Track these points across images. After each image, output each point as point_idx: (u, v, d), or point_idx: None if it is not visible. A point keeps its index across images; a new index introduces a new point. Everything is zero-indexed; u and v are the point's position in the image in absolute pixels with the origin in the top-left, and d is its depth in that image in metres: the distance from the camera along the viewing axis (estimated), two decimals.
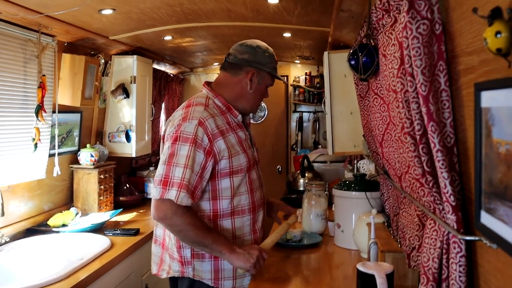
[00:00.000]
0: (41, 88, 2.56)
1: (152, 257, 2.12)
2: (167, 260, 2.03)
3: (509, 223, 0.82)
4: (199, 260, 1.97)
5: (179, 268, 1.98)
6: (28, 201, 2.78)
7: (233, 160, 1.98)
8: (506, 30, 0.74)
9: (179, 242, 1.96)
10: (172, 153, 1.86)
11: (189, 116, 1.91)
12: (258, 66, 2.09)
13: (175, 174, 1.83)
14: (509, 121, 0.80)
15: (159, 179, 1.85)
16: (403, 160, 1.58)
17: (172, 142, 1.88)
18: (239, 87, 2.10)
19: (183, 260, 1.97)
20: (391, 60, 1.39)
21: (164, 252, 2.05)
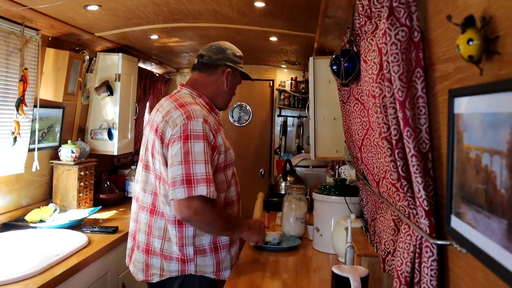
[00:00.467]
0: (23, 81, 2.54)
1: (135, 264, 2.13)
2: (157, 264, 2.06)
3: (477, 227, 0.84)
4: (202, 255, 2.06)
5: (178, 268, 2.04)
6: (5, 195, 2.75)
7: (227, 154, 2.11)
8: (478, 38, 0.76)
9: (182, 240, 2.02)
10: (186, 152, 1.92)
11: (193, 115, 1.98)
12: (232, 65, 2.24)
13: (197, 171, 1.90)
14: (479, 127, 0.82)
15: (180, 179, 1.89)
16: (381, 166, 1.60)
17: (183, 141, 1.93)
18: (216, 85, 2.22)
19: (186, 258, 2.04)
20: (371, 65, 1.41)
21: (150, 258, 2.07)
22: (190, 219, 1.95)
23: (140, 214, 2.13)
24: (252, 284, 2.10)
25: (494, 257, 0.77)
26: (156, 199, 2.08)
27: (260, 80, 5.27)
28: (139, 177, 2.19)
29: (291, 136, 5.26)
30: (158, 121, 2.04)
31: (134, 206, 2.21)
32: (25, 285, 1.91)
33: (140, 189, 2.15)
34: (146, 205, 2.10)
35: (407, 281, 1.28)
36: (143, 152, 2.17)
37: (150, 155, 2.08)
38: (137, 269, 2.12)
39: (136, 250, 2.14)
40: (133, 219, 2.21)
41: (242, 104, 5.30)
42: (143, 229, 2.11)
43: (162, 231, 2.06)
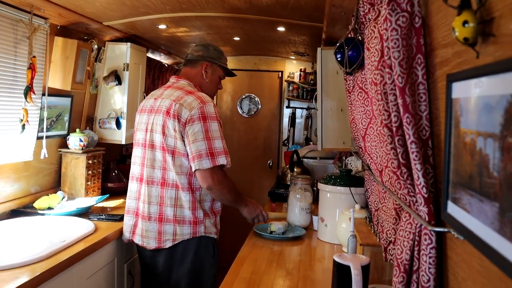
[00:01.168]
0: (31, 69, 2.56)
1: (147, 234, 2.44)
2: (170, 230, 2.40)
3: (471, 211, 0.84)
4: (209, 218, 2.45)
5: (190, 230, 2.40)
6: (14, 182, 2.79)
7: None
8: (473, 20, 0.75)
9: (194, 204, 2.39)
10: (206, 130, 2.33)
11: (205, 100, 2.40)
12: (210, 60, 2.61)
13: (216, 145, 2.34)
14: (474, 111, 0.81)
15: (205, 152, 2.32)
16: (383, 154, 1.60)
17: (203, 121, 2.33)
18: (198, 77, 2.60)
19: (197, 220, 2.40)
20: (373, 52, 1.41)
21: (163, 225, 2.40)
22: (213, 187, 2.35)
23: (149, 188, 2.44)
24: (255, 273, 2.11)
25: (487, 241, 0.76)
26: (165, 172, 2.40)
27: (269, 71, 5.26)
28: (138, 160, 2.53)
29: (299, 127, 5.25)
30: (168, 105, 2.38)
31: (135, 185, 2.54)
32: (32, 269, 1.93)
33: (146, 167, 2.46)
34: (156, 179, 2.42)
35: (406, 269, 1.28)
36: (142, 135, 2.51)
37: (159, 135, 2.40)
38: (148, 238, 2.43)
39: (145, 222, 2.44)
40: (134, 198, 2.54)
41: (251, 95, 5.30)
42: (155, 201, 2.42)
43: (173, 200, 2.40)
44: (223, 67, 2.67)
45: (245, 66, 5.27)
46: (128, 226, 2.56)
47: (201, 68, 2.60)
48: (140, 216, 2.49)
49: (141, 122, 2.54)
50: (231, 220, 5.05)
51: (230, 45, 4.53)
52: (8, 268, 1.92)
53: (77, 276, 2.23)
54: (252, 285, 1.96)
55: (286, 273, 2.14)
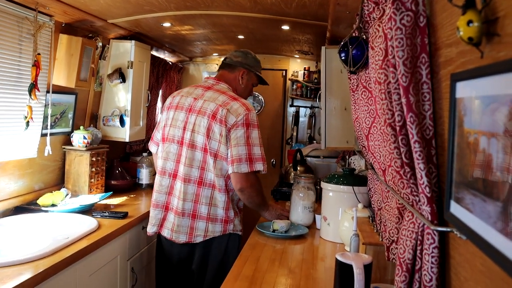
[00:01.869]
0: (36, 66, 2.57)
1: (178, 229, 2.57)
2: (203, 226, 2.55)
3: (474, 211, 0.84)
4: (237, 217, 2.64)
5: (221, 228, 2.57)
6: (18, 179, 2.80)
7: None
8: (478, 20, 0.75)
9: (228, 204, 2.56)
10: (248, 136, 2.50)
11: (250, 107, 2.57)
12: (248, 67, 2.78)
13: (255, 152, 2.51)
14: (478, 110, 0.81)
15: (245, 157, 2.49)
16: (386, 154, 1.59)
17: (246, 128, 2.51)
18: (235, 82, 2.75)
19: (228, 219, 2.58)
20: (377, 52, 1.41)
21: (195, 221, 2.55)
22: (245, 189, 2.54)
23: (186, 186, 2.55)
24: (258, 270, 2.12)
25: (489, 241, 0.76)
26: (203, 172, 2.54)
27: (273, 70, 5.26)
28: (173, 156, 2.61)
29: (303, 126, 5.24)
30: (214, 109, 2.52)
31: (167, 181, 2.63)
32: (35, 266, 1.94)
33: (183, 165, 2.56)
34: (193, 178, 2.55)
35: (408, 268, 1.28)
36: (179, 133, 2.60)
37: (202, 136, 2.53)
38: (179, 233, 2.56)
39: (178, 217, 2.56)
40: (164, 192, 2.64)
41: (254, 94, 5.29)
42: (190, 198, 2.55)
43: (209, 199, 2.55)
44: (258, 76, 2.85)
45: None
46: (157, 219, 2.64)
47: (238, 74, 2.76)
48: (171, 210, 2.60)
49: (177, 119, 2.62)
50: None
51: (235, 43, 4.52)
52: (12, 264, 1.93)
53: (80, 273, 2.24)
54: (255, 283, 1.96)
55: (288, 272, 2.14)
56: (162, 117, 2.75)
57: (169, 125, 2.65)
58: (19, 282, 1.76)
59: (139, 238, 2.97)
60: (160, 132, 2.73)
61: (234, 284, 1.96)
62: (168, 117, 2.67)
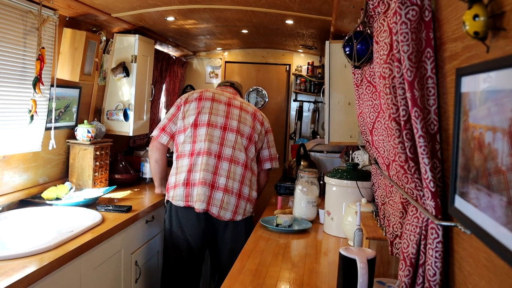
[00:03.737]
0: (40, 60, 2.57)
1: (224, 206, 2.84)
2: (243, 205, 2.89)
3: (478, 206, 0.84)
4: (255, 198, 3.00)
5: (252, 209, 2.97)
6: (22, 172, 2.81)
7: None
8: (484, 14, 0.75)
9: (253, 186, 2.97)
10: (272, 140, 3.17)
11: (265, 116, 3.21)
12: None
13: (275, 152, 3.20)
14: (483, 105, 0.81)
15: (276, 156, 3.19)
16: (390, 148, 1.59)
17: (271, 133, 3.16)
18: None
19: (254, 200, 2.98)
20: (382, 46, 1.40)
21: (240, 200, 2.88)
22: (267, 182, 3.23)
23: (234, 167, 2.89)
24: (261, 265, 2.12)
25: (494, 235, 0.76)
26: (247, 158, 2.94)
27: (277, 64, 5.25)
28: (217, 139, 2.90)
29: (306, 121, 5.24)
30: (253, 110, 3.11)
31: (212, 160, 2.86)
32: (40, 259, 1.95)
33: (231, 148, 2.91)
34: (241, 160, 2.91)
35: (412, 263, 1.28)
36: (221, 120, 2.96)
37: (248, 128, 3.00)
38: (225, 210, 2.84)
39: (227, 195, 2.84)
40: (210, 171, 2.84)
41: (258, 88, 5.29)
42: (238, 178, 2.89)
43: (249, 181, 2.93)
44: None
45: (253, 59, 5.27)
46: (204, 196, 2.81)
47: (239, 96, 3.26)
48: (219, 189, 2.84)
49: (217, 108, 2.99)
50: None
51: (238, 37, 4.52)
52: (17, 257, 1.94)
53: (85, 266, 2.25)
54: (258, 277, 1.97)
55: (292, 266, 2.15)
56: (189, 107, 2.99)
57: (208, 113, 2.95)
58: (24, 275, 1.77)
59: (143, 231, 2.98)
60: (178, 124, 2.98)
61: (237, 277, 1.96)
62: (204, 106, 2.97)
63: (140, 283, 2.93)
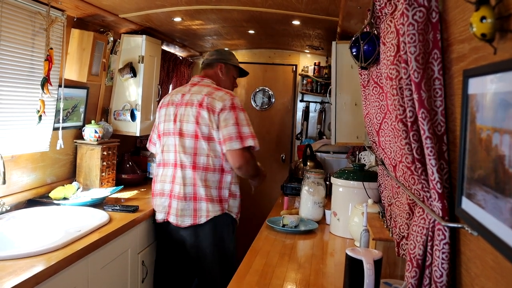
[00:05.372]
0: (48, 61, 2.59)
1: (182, 213, 2.75)
2: (204, 207, 2.73)
3: (485, 207, 0.84)
4: (232, 198, 2.81)
5: (219, 208, 2.75)
6: (31, 172, 2.83)
7: None
8: (491, 16, 0.75)
9: (221, 184, 2.76)
10: (236, 117, 2.69)
11: (233, 94, 2.81)
12: (223, 61, 3.00)
13: (244, 131, 2.69)
14: (491, 107, 0.81)
15: (235, 135, 2.67)
16: (397, 149, 1.59)
17: (233, 111, 2.70)
18: (216, 76, 2.97)
19: (222, 198, 2.77)
20: (389, 47, 1.40)
21: (197, 203, 2.74)
22: (242, 166, 2.70)
23: (183, 172, 2.75)
24: (268, 265, 2.13)
25: (501, 237, 0.76)
26: (196, 157, 2.74)
27: (283, 65, 5.25)
28: (172, 147, 2.80)
29: (313, 121, 5.23)
30: (200, 99, 2.74)
31: (170, 170, 2.81)
32: (47, 258, 1.96)
33: (178, 154, 2.77)
34: (188, 164, 2.74)
35: (418, 264, 1.28)
36: (172, 126, 2.81)
37: (191, 124, 2.74)
38: (184, 216, 2.75)
39: (181, 202, 2.74)
40: (169, 182, 2.81)
41: (265, 89, 5.29)
42: (189, 182, 2.74)
43: (203, 181, 2.72)
44: (236, 66, 3.07)
45: (260, 59, 5.27)
46: (164, 207, 2.82)
47: (217, 69, 2.97)
48: (174, 197, 2.77)
49: (168, 114, 2.85)
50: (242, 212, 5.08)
51: (245, 38, 4.53)
52: (25, 257, 1.96)
53: (92, 265, 2.26)
54: (265, 277, 1.98)
55: (298, 266, 2.15)
56: (156, 118, 3.01)
57: (163, 121, 2.88)
58: (32, 274, 1.78)
59: (149, 231, 2.99)
60: (156, 133, 2.98)
61: (244, 278, 1.97)
62: (160, 115, 2.92)
63: (147, 283, 2.94)
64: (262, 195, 5.22)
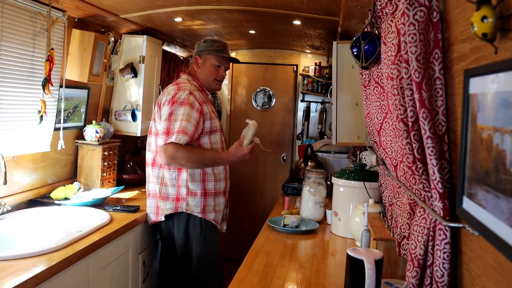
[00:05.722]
0: (49, 61, 2.59)
1: (148, 210, 2.82)
2: (160, 204, 2.74)
3: (486, 207, 0.84)
4: (192, 197, 2.69)
5: (172, 206, 2.70)
6: (32, 172, 2.83)
7: (212, 122, 2.73)
8: (492, 15, 0.75)
9: (178, 181, 2.68)
10: (171, 113, 2.58)
11: (182, 87, 2.67)
12: (199, 53, 2.86)
13: (175, 126, 2.54)
14: (492, 106, 0.81)
15: (163, 131, 2.58)
16: (398, 149, 1.59)
17: (170, 105, 2.60)
18: (193, 70, 2.88)
19: (180, 197, 2.69)
20: (390, 47, 1.40)
21: (158, 201, 2.75)
22: (168, 162, 2.57)
23: (147, 169, 2.82)
24: (268, 265, 2.13)
25: (502, 237, 0.76)
26: (153, 155, 2.76)
27: (284, 65, 5.25)
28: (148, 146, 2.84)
29: (313, 121, 5.23)
30: (159, 99, 2.72)
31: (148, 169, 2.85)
32: (48, 258, 1.97)
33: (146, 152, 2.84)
34: (150, 160, 2.80)
35: (420, 264, 1.28)
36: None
37: (152, 122, 2.77)
38: (150, 214, 2.81)
39: (147, 199, 2.82)
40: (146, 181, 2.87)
41: (265, 89, 5.29)
42: (148, 179, 2.81)
43: (156, 177, 2.74)
44: (213, 54, 2.82)
45: (260, 59, 5.27)
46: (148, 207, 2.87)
47: (194, 63, 2.87)
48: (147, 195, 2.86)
49: None
50: (243, 213, 5.08)
51: (246, 38, 4.53)
52: (26, 257, 1.96)
53: (93, 265, 2.26)
54: (265, 277, 1.98)
55: (299, 266, 2.15)
56: None
57: None
58: (33, 274, 1.79)
59: (150, 232, 3.00)
60: None
61: (245, 278, 1.97)
62: None
63: (148, 283, 2.94)
64: (263, 195, 5.22)
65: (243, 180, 5.20)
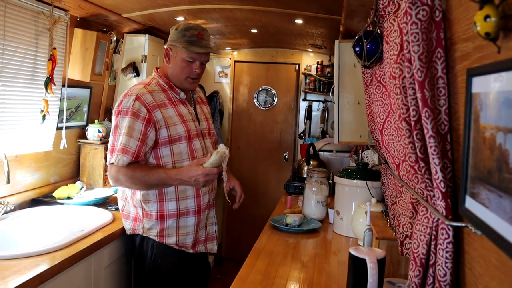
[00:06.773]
0: (51, 60, 2.60)
1: None
2: (124, 222, 2.42)
3: (489, 206, 0.84)
4: (148, 219, 2.32)
5: (131, 226, 2.37)
6: (34, 172, 2.84)
7: (171, 129, 2.26)
8: (495, 15, 0.75)
9: (133, 201, 2.33)
10: (116, 126, 2.23)
11: (128, 93, 2.26)
12: (170, 44, 2.35)
13: (119, 142, 2.19)
14: (495, 106, 0.81)
15: (110, 148, 2.24)
16: (400, 148, 1.59)
17: (116, 116, 2.24)
18: (164, 65, 2.41)
19: (137, 217, 2.35)
20: (392, 46, 1.40)
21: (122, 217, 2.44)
22: (114, 184, 2.27)
23: None
24: (271, 264, 2.13)
25: (505, 236, 0.76)
26: None
27: (286, 64, 5.25)
28: None
29: (315, 120, 5.23)
30: None
31: None
32: (51, 258, 1.97)
33: None
34: None
35: (422, 263, 1.28)
36: None
37: None
38: None
39: None
40: None
41: (267, 88, 5.29)
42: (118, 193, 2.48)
43: (124, 194, 2.40)
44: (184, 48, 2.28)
45: (262, 58, 5.27)
46: None
47: (164, 55, 2.40)
48: None
49: None
50: (245, 212, 5.09)
51: (248, 37, 4.52)
52: (29, 256, 1.97)
53: (96, 264, 2.27)
54: (268, 277, 1.98)
55: (301, 266, 2.15)
56: None
57: None
58: (36, 273, 1.79)
59: None
60: None
61: (247, 277, 1.97)
62: None
63: None
64: (265, 194, 5.22)
65: (245, 179, 5.20)
